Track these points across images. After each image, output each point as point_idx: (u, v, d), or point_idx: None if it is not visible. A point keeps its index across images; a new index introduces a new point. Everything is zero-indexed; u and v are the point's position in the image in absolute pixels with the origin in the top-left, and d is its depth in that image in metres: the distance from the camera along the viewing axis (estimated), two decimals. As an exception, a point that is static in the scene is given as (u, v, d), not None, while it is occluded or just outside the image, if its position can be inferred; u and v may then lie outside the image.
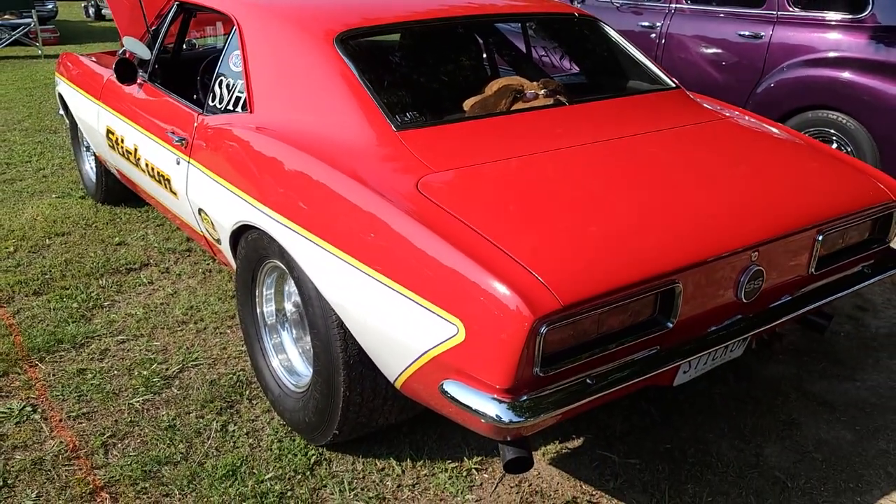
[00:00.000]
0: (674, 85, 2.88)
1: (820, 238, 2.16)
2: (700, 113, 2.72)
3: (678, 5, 5.17)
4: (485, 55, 3.47)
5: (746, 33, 4.74)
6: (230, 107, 2.75)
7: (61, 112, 4.74)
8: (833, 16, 4.38)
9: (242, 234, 2.51)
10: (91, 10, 17.17)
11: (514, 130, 2.34)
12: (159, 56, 3.46)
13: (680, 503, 2.20)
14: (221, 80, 2.85)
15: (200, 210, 2.79)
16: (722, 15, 4.90)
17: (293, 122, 2.43)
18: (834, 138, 4.40)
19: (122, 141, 3.48)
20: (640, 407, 2.64)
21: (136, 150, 3.33)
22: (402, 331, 1.87)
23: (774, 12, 4.61)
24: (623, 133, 2.40)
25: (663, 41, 5.25)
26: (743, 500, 2.23)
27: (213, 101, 2.87)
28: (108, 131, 3.64)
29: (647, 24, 5.30)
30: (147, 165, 3.23)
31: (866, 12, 4.25)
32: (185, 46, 4.20)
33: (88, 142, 4.26)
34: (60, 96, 4.54)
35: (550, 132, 2.35)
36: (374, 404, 2.21)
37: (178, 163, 2.90)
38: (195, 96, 3.45)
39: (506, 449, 1.90)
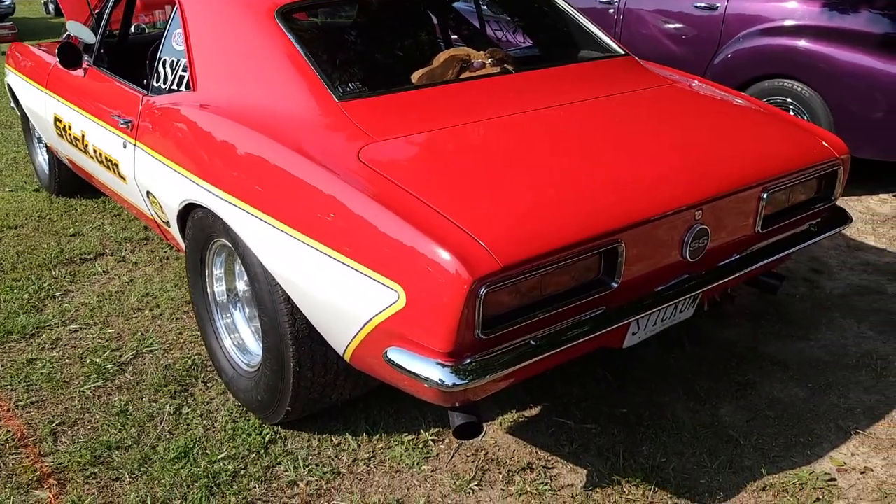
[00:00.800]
0: (623, 52, 2.88)
1: (765, 196, 2.17)
2: (648, 79, 2.72)
3: (634, -21, 5.17)
4: (433, 29, 3.44)
5: (702, 5, 4.75)
6: (174, 86, 2.70)
7: (13, 104, 4.63)
8: (785, -16, 4.41)
9: (189, 214, 2.47)
10: (50, 6, 16.84)
11: (458, 99, 2.32)
12: (107, 41, 3.39)
13: (634, 465, 2.22)
14: (165, 60, 2.80)
15: (149, 193, 2.74)
16: (677, -13, 4.91)
17: (237, 97, 2.39)
18: (790, 107, 4.43)
19: (70, 128, 3.41)
20: (597, 374, 2.64)
21: (83, 136, 3.26)
22: (345, 300, 1.85)
23: (728, -17, 4.63)
24: (569, 99, 2.39)
25: (622, 17, 5.25)
26: (697, 459, 2.24)
27: (157, 81, 2.81)
28: (56, 119, 3.57)
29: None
30: (95, 151, 3.17)
31: (817, -20, 4.28)
32: (133, 31, 4.13)
33: (39, 132, 4.17)
34: (9, 87, 4.44)
35: (495, 100, 2.34)
36: (325, 380, 2.19)
37: (125, 146, 2.85)
38: (145, 81, 3.39)
39: (455, 415, 1.90)
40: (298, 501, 2.10)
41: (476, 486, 2.15)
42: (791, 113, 4.40)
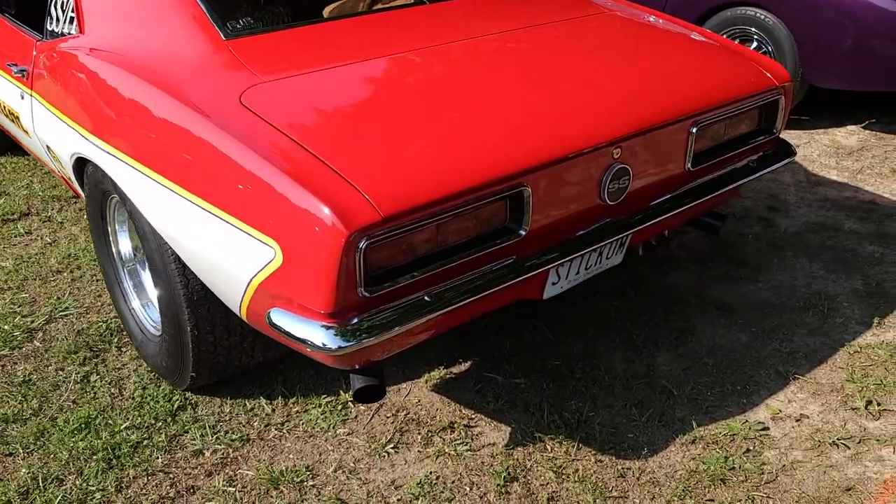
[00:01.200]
0: (556, -21, 2.66)
1: (694, 131, 2.01)
2: (578, 7, 2.51)
3: None
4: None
5: (661, -71, 4.48)
6: (66, 29, 2.48)
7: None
8: None
9: (83, 169, 2.29)
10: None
11: (362, 33, 2.12)
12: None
13: (559, 420, 2.10)
14: (57, 0, 2.57)
15: (48, 147, 2.55)
16: (636, -89, 4.63)
17: (125, 40, 2.18)
18: (755, 37, 4.22)
19: (-23, 81, 3.18)
20: (532, 326, 2.52)
21: (-12, 89, 3.04)
22: (227, 259, 1.70)
23: None
24: (483, 31, 2.19)
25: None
26: (626, 412, 2.13)
27: (51, 24, 2.59)
28: (-35, 72, 3.33)
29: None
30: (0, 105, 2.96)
31: None
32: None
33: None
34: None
35: (403, 33, 2.14)
36: (230, 343, 2.05)
37: (23, 97, 2.64)
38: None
39: (355, 378, 1.77)
40: (202, 472, 1.98)
41: (392, 448, 2.04)
42: (755, 45, 4.21)
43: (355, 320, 1.57)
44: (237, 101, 1.78)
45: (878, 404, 2.11)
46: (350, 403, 2.22)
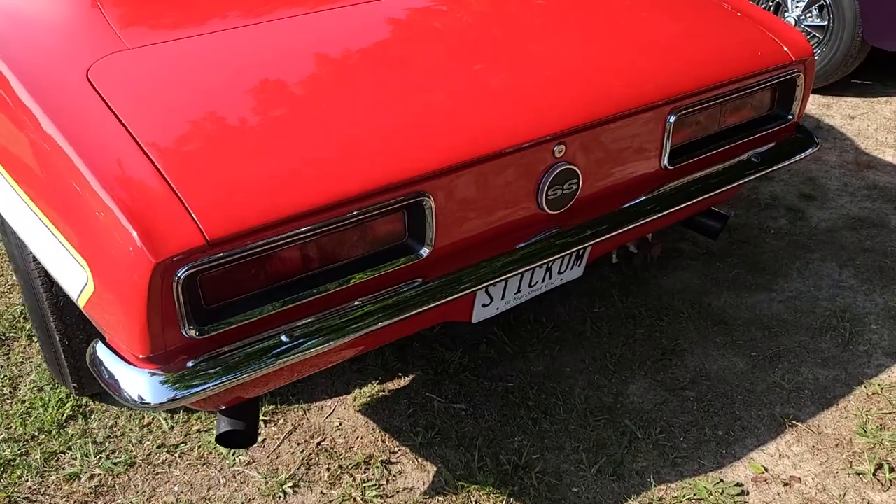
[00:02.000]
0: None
1: (672, 120, 1.58)
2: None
3: None
4: None
5: None
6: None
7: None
8: None
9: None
10: None
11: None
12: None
13: (492, 464, 1.76)
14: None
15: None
16: None
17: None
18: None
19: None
20: (492, 334, 2.16)
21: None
22: (59, 274, 1.39)
23: None
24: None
25: None
26: (576, 458, 1.77)
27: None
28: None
29: None
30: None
31: None
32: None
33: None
34: None
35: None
36: (113, 352, 1.77)
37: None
38: None
39: (220, 419, 1.46)
40: (72, 502, 1.73)
41: (291, 487, 1.74)
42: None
43: (191, 364, 1.25)
44: (83, 75, 1.43)
45: (891, 469, 1.70)
46: (261, 423, 1.92)
